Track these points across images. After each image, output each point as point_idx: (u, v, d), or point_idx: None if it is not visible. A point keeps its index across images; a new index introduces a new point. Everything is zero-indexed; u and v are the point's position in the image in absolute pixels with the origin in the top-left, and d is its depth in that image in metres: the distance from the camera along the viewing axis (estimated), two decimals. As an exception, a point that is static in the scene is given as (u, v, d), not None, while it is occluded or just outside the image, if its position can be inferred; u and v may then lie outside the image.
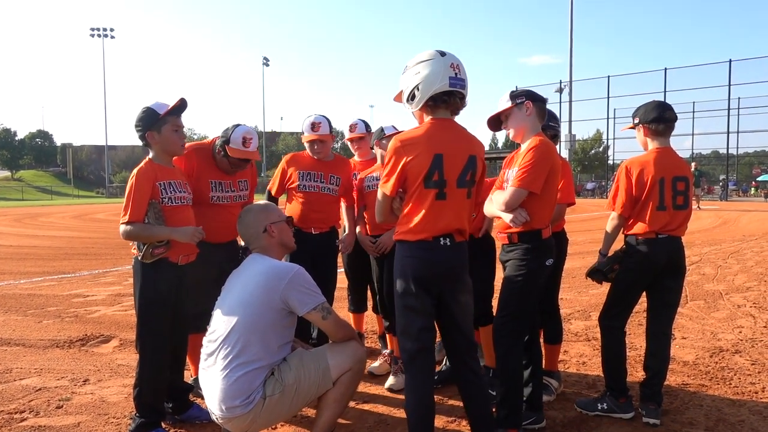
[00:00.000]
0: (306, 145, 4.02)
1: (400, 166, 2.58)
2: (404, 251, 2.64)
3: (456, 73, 2.57)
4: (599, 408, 3.37)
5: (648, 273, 3.34)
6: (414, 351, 2.63)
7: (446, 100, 2.60)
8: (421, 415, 2.64)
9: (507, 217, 2.94)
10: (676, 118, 3.36)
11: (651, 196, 3.24)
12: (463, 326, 2.74)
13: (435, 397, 2.91)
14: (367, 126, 4.42)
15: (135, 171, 3.09)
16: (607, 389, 3.43)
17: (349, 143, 4.49)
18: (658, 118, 3.30)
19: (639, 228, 3.29)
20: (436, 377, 3.82)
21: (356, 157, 4.53)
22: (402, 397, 3.69)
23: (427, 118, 2.67)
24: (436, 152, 2.56)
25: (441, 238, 2.61)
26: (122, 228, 3.01)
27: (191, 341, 3.44)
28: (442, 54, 2.59)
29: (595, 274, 3.44)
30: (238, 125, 3.56)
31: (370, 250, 3.96)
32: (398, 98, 2.78)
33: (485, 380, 2.84)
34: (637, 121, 3.35)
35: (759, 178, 41.20)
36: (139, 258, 3.05)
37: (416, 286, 2.59)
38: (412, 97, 2.64)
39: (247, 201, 3.82)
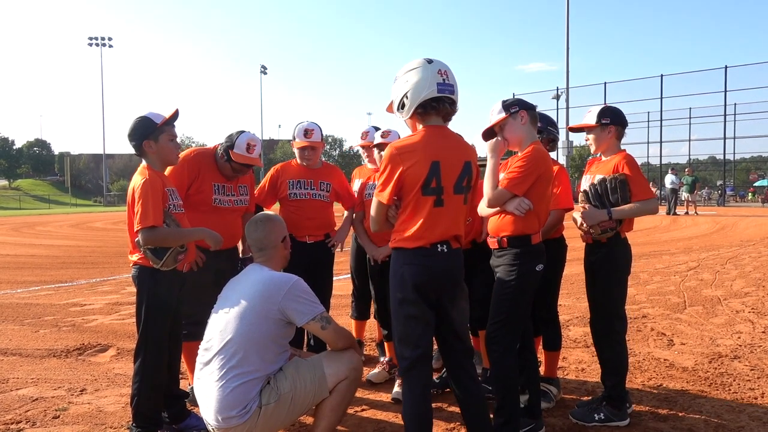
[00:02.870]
0: (296, 151, 4.04)
1: (396, 175, 2.58)
2: (402, 259, 2.64)
3: (444, 79, 2.59)
4: (596, 419, 3.32)
5: None
6: (413, 359, 2.62)
7: (435, 106, 2.62)
8: (418, 423, 2.63)
9: (510, 206, 2.95)
10: None
11: None
12: (460, 332, 2.76)
13: (434, 403, 2.90)
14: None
15: (143, 176, 3.04)
16: (604, 399, 3.37)
17: (361, 150, 4.52)
18: (626, 124, 3.45)
19: (628, 225, 3.34)
20: (437, 381, 3.81)
21: (368, 165, 4.52)
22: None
23: (420, 126, 2.68)
24: (434, 159, 2.57)
25: (438, 245, 2.62)
26: (147, 233, 2.91)
27: (189, 349, 3.43)
28: (429, 61, 2.62)
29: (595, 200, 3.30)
30: (242, 131, 3.62)
31: (372, 255, 3.95)
32: (390, 108, 2.81)
33: (482, 387, 2.84)
34: (607, 121, 3.36)
35: (756, 184, 41.37)
36: (158, 266, 3.00)
37: (415, 293, 2.60)
38: (402, 106, 2.66)
39: (248, 207, 3.86)
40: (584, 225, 3.27)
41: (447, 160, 2.60)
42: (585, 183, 3.45)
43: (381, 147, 3.99)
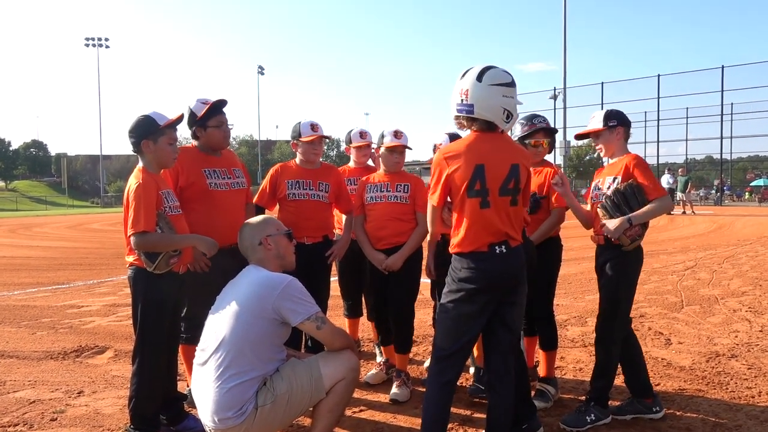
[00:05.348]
0: (304, 146, 3.96)
1: (443, 178, 2.72)
2: (462, 264, 2.72)
3: (462, 99, 2.70)
4: (589, 421, 3.31)
5: None
6: (453, 350, 2.73)
7: (466, 118, 2.75)
8: (441, 409, 2.73)
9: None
10: None
11: None
12: (512, 325, 2.82)
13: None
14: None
15: (137, 180, 3.03)
16: (592, 400, 3.36)
17: (354, 150, 4.53)
18: (630, 124, 3.47)
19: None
20: None
21: (352, 163, 4.55)
22: (400, 406, 3.69)
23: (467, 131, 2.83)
24: (478, 162, 2.68)
25: (496, 246, 2.69)
26: (138, 238, 2.92)
27: (191, 352, 3.41)
28: (462, 75, 2.73)
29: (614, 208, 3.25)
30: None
31: (380, 265, 3.85)
32: None
33: (512, 389, 2.86)
34: (614, 123, 3.38)
35: (753, 183, 41.45)
36: (150, 269, 2.99)
37: (477, 295, 2.68)
38: None
39: (246, 188, 3.81)
40: (612, 238, 3.22)
41: (492, 163, 2.69)
42: (594, 189, 3.44)
43: (394, 149, 3.89)
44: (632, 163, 3.29)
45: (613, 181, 3.32)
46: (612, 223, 3.18)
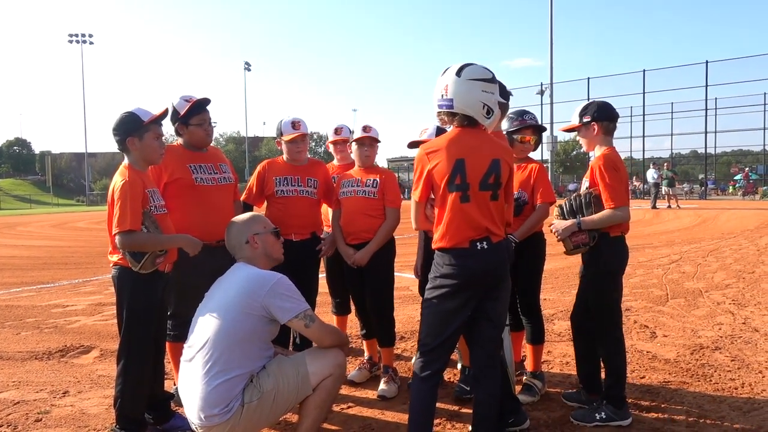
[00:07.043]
0: (287, 146, 3.96)
1: (425, 173, 2.73)
2: (444, 260, 2.72)
3: (443, 95, 2.72)
4: (598, 418, 3.25)
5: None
6: (438, 343, 2.75)
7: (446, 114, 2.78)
8: (426, 408, 2.75)
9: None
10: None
11: (627, 192, 3.28)
12: (496, 320, 2.84)
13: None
14: (350, 131, 4.43)
15: (122, 177, 2.99)
16: (604, 399, 3.31)
17: (332, 147, 4.50)
18: (614, 117, 3.35)
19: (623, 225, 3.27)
20: None
21: (336, 161, 4.53)
22: (388, 402, 3.70)
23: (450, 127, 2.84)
24: (458, 157, 2.69)
25: (478, 242, 2.69)
26: (123, 237, 2.88)
27: (177, 349, 3.39)
28: (443, 72, 2.74)
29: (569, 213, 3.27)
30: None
31: (348, 260, 3.89)
32: None
33: (498, 387, 2.88)
34: (588, 119, 3.30)
35: (737, 177, 41.92)
36: (136, 268, 2.96)
37: (459, 291, 2.69)
38: None
39: (234, 184, 3.79)
40: (558, 238, 3.27)
41: (472, 158, 2.70)
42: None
43: (362, 142, 3.93)
44: (597, 166, 3.22)
45: (581, 182, 3.34)
46: (561, 224, 3.23)
